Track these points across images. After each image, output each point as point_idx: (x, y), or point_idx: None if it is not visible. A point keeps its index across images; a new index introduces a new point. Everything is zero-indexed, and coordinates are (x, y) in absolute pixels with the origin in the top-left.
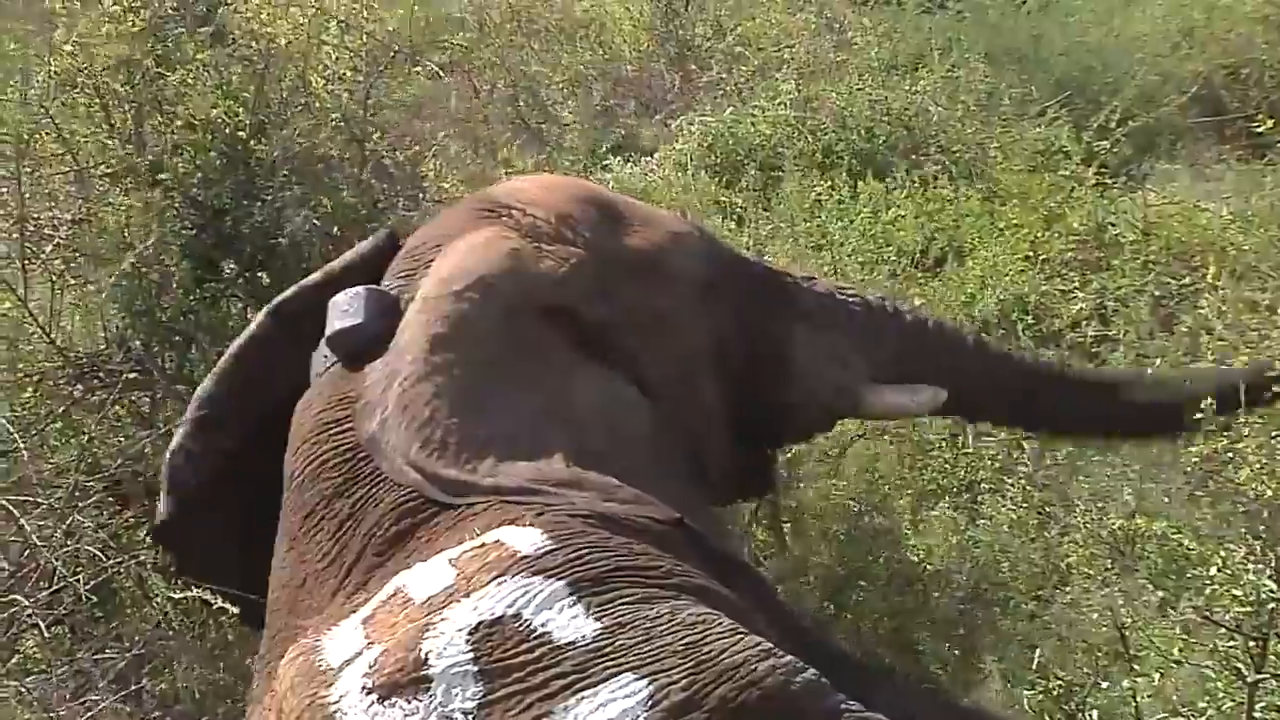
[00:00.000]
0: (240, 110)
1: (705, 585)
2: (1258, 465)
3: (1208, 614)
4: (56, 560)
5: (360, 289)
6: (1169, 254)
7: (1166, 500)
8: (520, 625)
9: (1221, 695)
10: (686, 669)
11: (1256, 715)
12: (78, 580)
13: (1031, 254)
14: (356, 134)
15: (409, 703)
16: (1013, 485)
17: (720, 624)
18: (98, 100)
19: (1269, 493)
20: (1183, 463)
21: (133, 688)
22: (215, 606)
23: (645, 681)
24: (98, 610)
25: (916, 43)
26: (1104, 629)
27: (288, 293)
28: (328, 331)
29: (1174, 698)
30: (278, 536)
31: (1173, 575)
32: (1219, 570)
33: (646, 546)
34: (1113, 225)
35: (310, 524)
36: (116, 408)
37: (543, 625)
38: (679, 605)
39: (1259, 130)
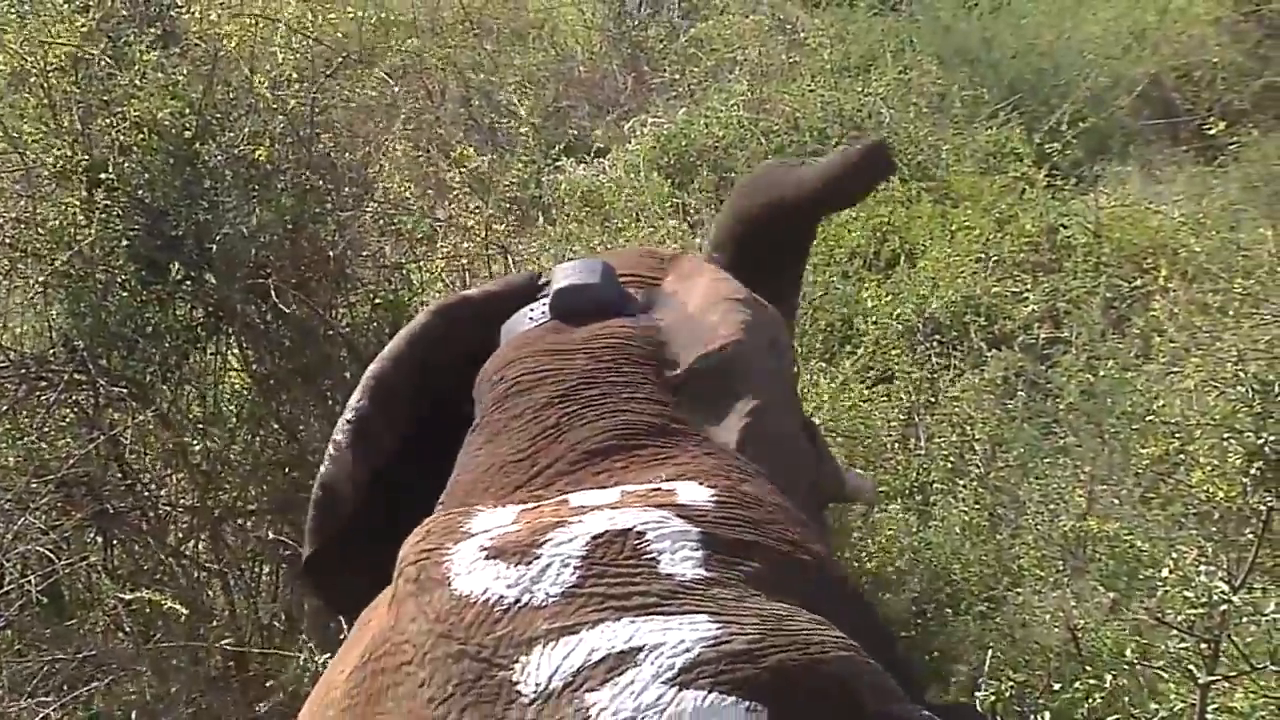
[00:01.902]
0: (187, 110)
1: (829, 612)
2: (1209, 467)
3: (1159, 615)
4: (6, 561)
5: (598, 261)
6: (1121, 256)
7: (1118, 502)
8: (637, 543)
9: (1173, 697)
10: (762, 629)
11: (1209, 717)
12: (28, 581)
13: (983, 256)
14: (302, 135)
15: (507, 568)
16: (964, 487)
17: (818, 620)
18: (45, 99)
19: (1220, 495)
20: (1134, 464)
21: (82, 690)
22: (166, 608)
23: (716, 625)
24: (47, 613)
25: (868, 45)
26: (1056, 630)
27: (449, 299)
28: (556, 286)
29: (1126, 699)
30: (470, 436)
31: (1124, 577)
32: (1170, 572)
33: (801, 558)
34: (1064, 227)
35: (515, 424)
36: (63, 409)
37: (656, 552)
38: (789, 605)
39: (1211, 132)
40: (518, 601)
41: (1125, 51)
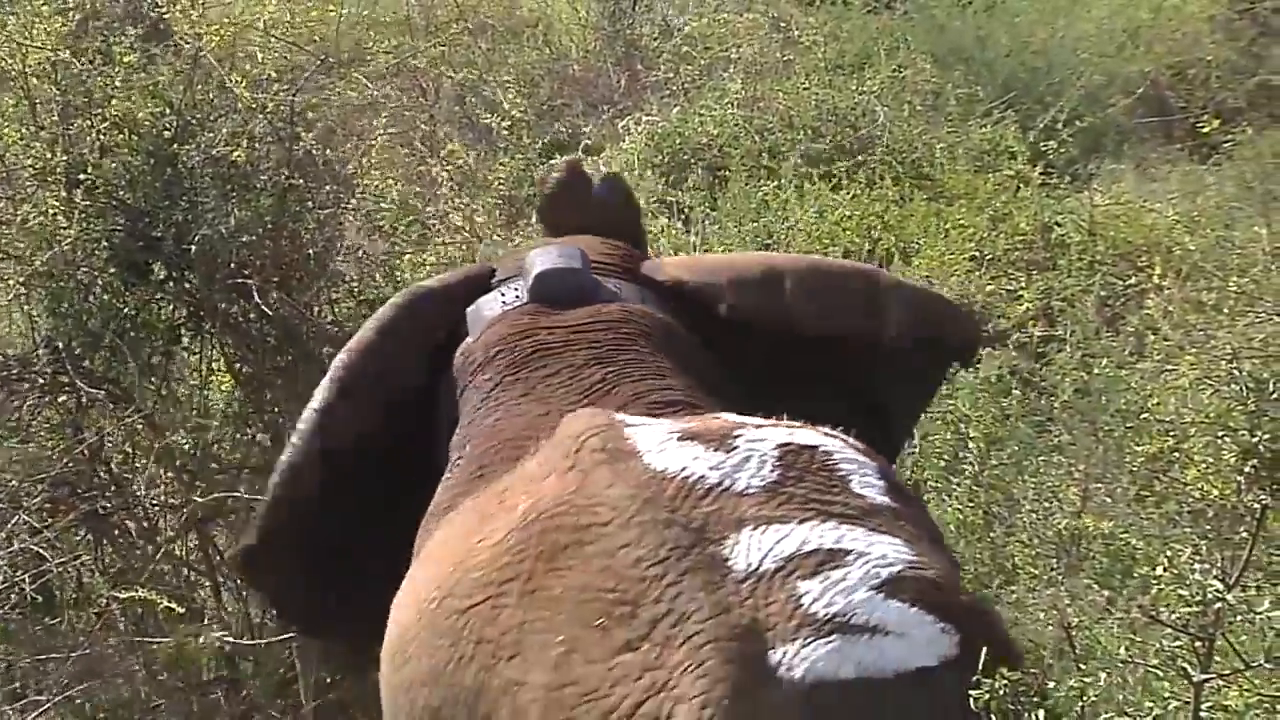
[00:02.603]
0: (167, 110)
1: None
2: (1204, 465)
3: (1154, 614)
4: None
5: (574, 247)
6: (1115, 254)
7: (1112, 500)
8: (825, 460)
9: (1168, 695)
10: (942, 567)
11: (1203, 715)
12: (20, 582)
13: (977, 254)
14: (283, 135)
15: (705, 451)
16: (959, 485)
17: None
18: (25, 99)
19: (1215, 492)
20: (1129, 462)
21: (75, 690)
22: (161, 608)
23: (910, 551)
24: (39, 613)
25: (862, 43)
26: (1050, 628)
27: (412, 290)
28: (536, 270)
29: (1120, 697)
30: (479, 400)
31: (1119, 575)
32: (1165, 570)
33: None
34: (1059, 225)
35: (555, 380)
36: (47, 411)
37: (846, 472)
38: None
39: (1205, 130)
40: (720, 484)
41: (1119, 49)
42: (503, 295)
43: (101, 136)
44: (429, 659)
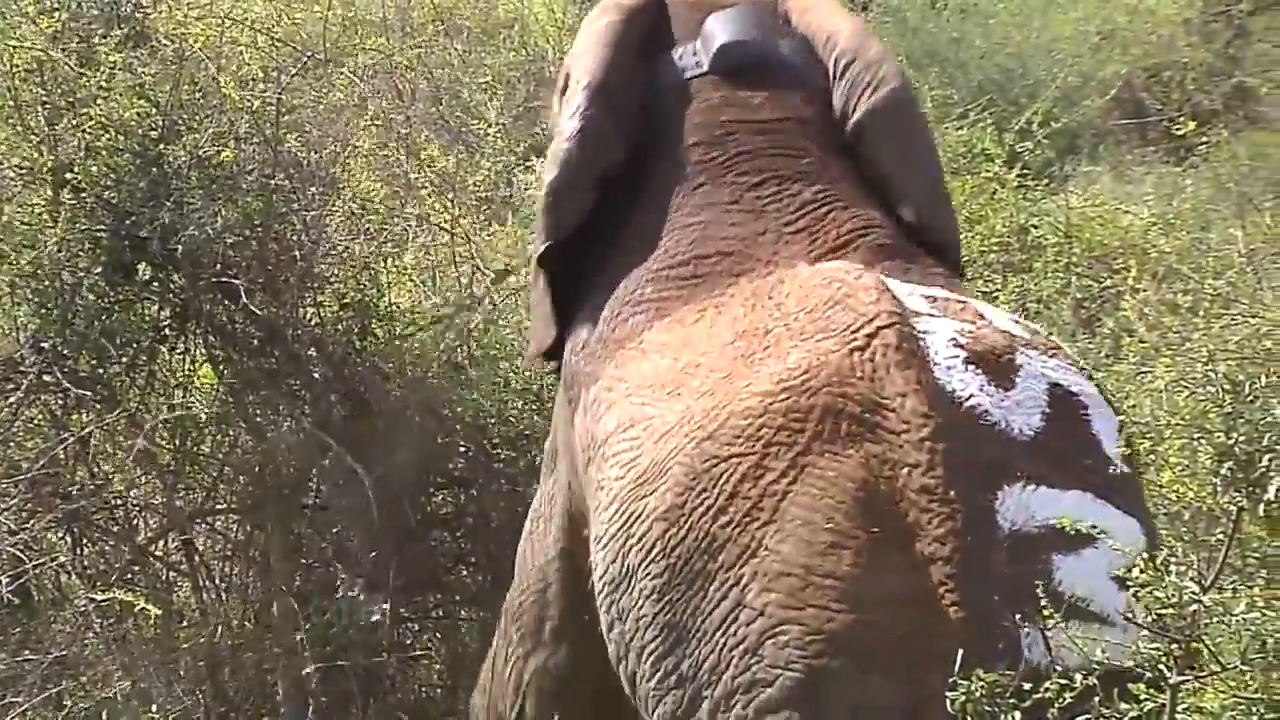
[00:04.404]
0: (153, 111)
1: None
2: (1179, 468)
3: (1129, 615)
4: None
5: (748, 8)
6: (1091, 256)
7: None
8: (1083, 413)
9: (1144, 697)
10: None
11: (1179, 717)
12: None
13: None
14: (268, 135)
15: (988, 384)
16: None
17: None
18: (11, 100)
19: (1191, 495)
20: None
21: (52, 690)
22: (139, 609)
23: (1144, 532)
24: (16, 613)
25: None
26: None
27: (621, 5)
28: (719, 42)
29: (1096, 699)
30: (670, 192)
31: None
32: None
33: None
34: (1035, 227)
35: (768, 196)
36: (31, 410)
37: (1099, 432)
38: None
39: (1181, 132)
40: (998, 425)
41: (1095, 51)
42: (681, 59)
43: (87, 136)
44: (675, 496)
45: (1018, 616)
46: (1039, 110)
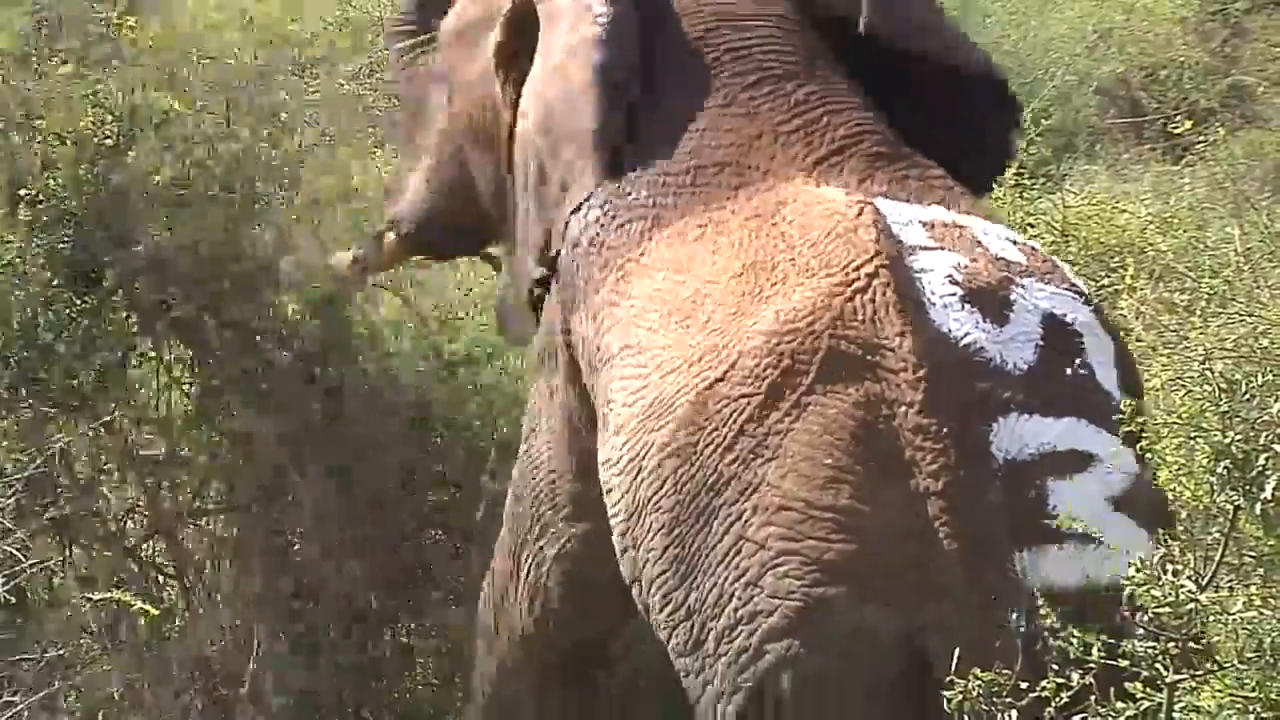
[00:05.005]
0: (110, 118)
1: None
2: (1176, 467)
3: (1126, 614)
4: None
5: None
6: (1088, 255)
7: None
8: (1077, 341)
9: (1140, 696)
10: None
11: (1175, 716)
12: None
13: None
14: (240, 138)
15: (982, 318)
16: None
17: None
18: None
19: (1187, 494)
20: None
21: (50, 689)
22: (135, 609)
23: (1139, 465)
24: (10, 615)
25: None
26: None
27: None
28: None
29: (1092, 698)
30: (690, 108)
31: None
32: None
33: None
34: (1032, 226)
35: (761, 96)
36: (4, 423)
37: (1094, 364)
38: None
39: (1177, 131)
40: (992, 361)
41: (1091, 50)
42: None
43: (42, 147)
44: (686, 435)
45: (1016, 543)
46: (1035, 109)
